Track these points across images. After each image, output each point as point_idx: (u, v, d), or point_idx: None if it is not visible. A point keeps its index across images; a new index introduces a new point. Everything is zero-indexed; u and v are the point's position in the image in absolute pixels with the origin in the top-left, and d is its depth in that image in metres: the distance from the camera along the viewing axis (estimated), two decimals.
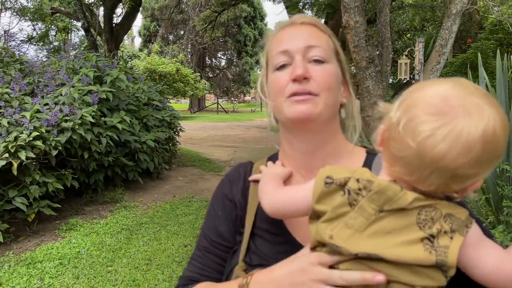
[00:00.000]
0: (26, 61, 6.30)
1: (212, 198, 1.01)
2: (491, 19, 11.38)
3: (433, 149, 0.58)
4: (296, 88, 0.84)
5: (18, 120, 4.75)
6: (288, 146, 0.94)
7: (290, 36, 0.90)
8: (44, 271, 3.90)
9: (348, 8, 8.06)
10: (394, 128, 0.63)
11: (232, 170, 1.01)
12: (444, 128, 0.57)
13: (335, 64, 0.91)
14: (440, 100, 0.59)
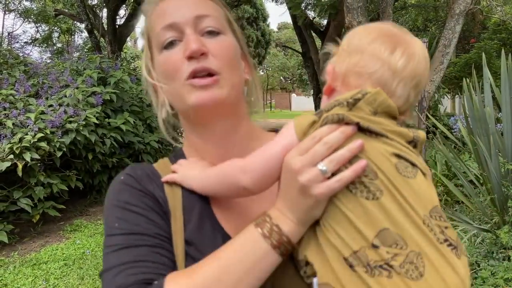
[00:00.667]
0: (30, 62, 6.33)
1: (117, 197, 0.76)
2: (494, 19, 11.35)
3: (396, 62, 0.68)
4: (194, 66, 0.73)
5: (22, 122, 4.77)
6: (195, 137, 0.82)
7: (174, 7, 0.78)
8: (49, 272, 3.91)
9: (351, 9, 8.06)
10: (353, 54, 0.71)
11: (130, 170, 0.80)
12: (400, 46, 0.69)
13: (230, 34, 0.81)
14: (385, 29, 0.72)
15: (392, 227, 0.58)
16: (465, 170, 3.92)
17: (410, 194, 0.60)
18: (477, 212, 3.73)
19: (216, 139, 0.80)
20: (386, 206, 0.59)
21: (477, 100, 3.43)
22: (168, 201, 0.76)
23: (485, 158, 3.22)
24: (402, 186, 0.60)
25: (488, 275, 2.78)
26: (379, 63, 0.69)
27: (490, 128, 3.31)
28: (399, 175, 0.61)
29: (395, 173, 0.61)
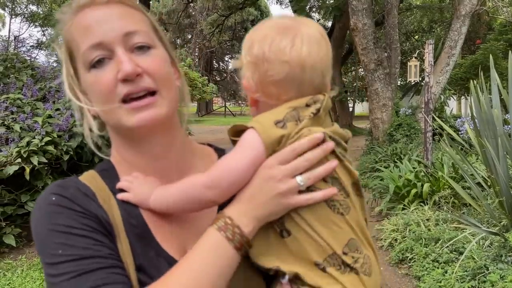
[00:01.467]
0: (38, 66, 6.37)
1: (53, 221, 0.69)
2: (500, 20, 11.30)
3: (300, 54, 0.70)
4: (128, 89, 0.70)
5: (30, 125, 4.80)
6: (130, 153, 0.78)
7: (98, 21, 0.72)
8: None
9: (356, 11, 8.05)
10: (260, 64, 0.71)
11: (59, 189, 0.72)
12: (297, 37, 0.71)
13: (159, 45, 0.78)
14: (278, 24, 0.74)
15: (355, 237, 0.71)
16: (473, 172, 3.90)
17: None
18: (485, 215, 3.70)
19: (153, 154, 0.78)
20: (349, 220, 0.70)
21: (484, 101, 3.41)
22: (109, 221, 0.71)
23: (493, 160, 3.20)
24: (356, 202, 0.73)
25: (497, 279, 2.76)
26: (286, 66, 0.70)
27: (498, 130, 3.29)
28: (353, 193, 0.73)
29: (352, 191, 0.73)
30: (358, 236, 0.71)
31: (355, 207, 0.72)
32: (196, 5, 26.05)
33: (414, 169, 5.47)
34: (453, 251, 3.41)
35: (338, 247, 0.69)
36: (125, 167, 0.79)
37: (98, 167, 0.81)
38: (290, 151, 0.68)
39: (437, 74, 7.69)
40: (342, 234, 0.70)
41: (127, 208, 0.74)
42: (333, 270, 0.68)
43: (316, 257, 0.68)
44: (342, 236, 0.70)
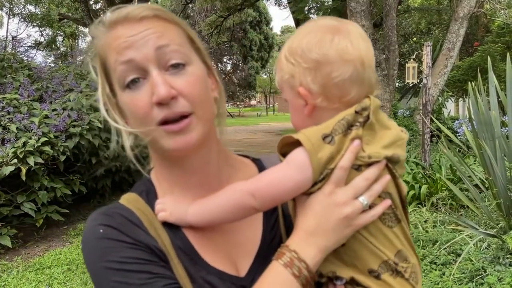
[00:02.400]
0: (35, 67, 6.35)
1: (104, 257, 0.68)
2: (498, 22, 11.32)
3: (360, 51, 0.70)
4: (164, 113, 0.68)
5: (26, 126, 4.78)
6: (168, 170, 0.78)
7: (131, 38, 0.70)
8: (52, 277, 3.91)
9: (354, 12, 8.05)
10: (321, 67, 0.70)
11: (105, 219, 0.72)
12: (351, 36, 0.71)
13: (196, 59, 0.75)
14: (325, 26, 0.73)
15: (403, 248, 0.73)
16: (470, 174, 3.90)
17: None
18: (482, 216, 3.70)
19: (192, 169, 0.77)
20: (397, 232, 0.72)
21: (482, 103, 3.41)
22: (161, 248, 0.71)
23: (490, 162, 3.19)
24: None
25: (495, 281, 2.75)
26: (350, 65, 0.70)
27: (495, 132, 3.28)
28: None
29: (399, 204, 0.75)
30: (406, 247, 0.73)
31: (402, 219, 0.73)
32: (194, 6, 26.04)
33: (412, 171, 5.47)
34: (450, 253, 3.40)
35: (391, 256, 0.71)
36: (164, 184, 0.79)
37: (137, 188, 0.80)
38: (361, 180, 0.69)
39: (435, 76, 7.69)
40: (391, 245, 0.71)
41: (171, 231, 0.74)
42: (387, 276, 0.70)
43: (371, 264, 0.70)
44: (392, 247, 0.71)
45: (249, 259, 0.77)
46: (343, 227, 0.68)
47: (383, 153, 0.70)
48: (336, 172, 0.68)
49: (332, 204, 0.68)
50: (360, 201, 0.68)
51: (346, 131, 0.68)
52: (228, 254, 0.77)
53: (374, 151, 0.69)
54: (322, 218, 0.68)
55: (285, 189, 0.69)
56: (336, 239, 0.68)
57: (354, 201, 0.68)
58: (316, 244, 0.67)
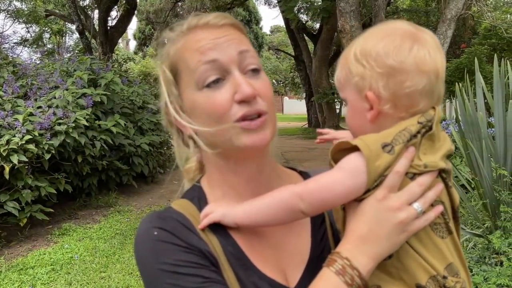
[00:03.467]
0: (20, 63, 6.24)
1: (159, 259, 0.70)
2: (485, 25, 11.47)
3: (436, 62, 0.69)
4: (245, 110, 0.71)
5: (10, 123, 4.69)
6: (224, 175, 0.80)
7: (214, 41, 0.73)
8: (36, 277, 3.83)
9: (344, 13, 8.08)
10: (396, 75, 0.68)
11: (160, 222, 0.74)
12: (428, 45, 0.70)
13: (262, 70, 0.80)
14: (403, 31, 0.71)
15: (454, 261, 0.70)
16: (457, 174, 3.92)
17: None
18: (468, 216, 3.73)
19: (247, 175, 0.79)
20: (449, 244, 0.70)
21: (469, 104, 3.43)
22: (212, 253, 0.72)
23: (477, 162, 3.22)
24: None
25: (481, 281, 2.77)
26: (425, 76, 0.68)
27: (482, 133, 3.31)
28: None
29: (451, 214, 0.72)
30: (456, 260, 0.70)
31: (454, 231, 0.71)
32: (184, 4, 25.92)
33: None
34: None
35: (440, 269, 0.68)
36: (216, 191, 0.81)
37: (189, 194, 0.82)
38: (416, 185, 0.67)
39: None
40: (442, 257, 0.69)
41: (221, 236, 0.75)
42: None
43: (419, 279, 0.67)
44: (442, 259, 0.69)
45: (299, 271, 0.77)
46: (397, 233, 0.66)
47: (440, 164, 0.69)
48: (390, 177, 0.66)
49: (385, 209, 0.66)
50: (414, 207, 0.66)
51: (407, 142, 0.67)
52: (278, 264, 0.77)
53: (430, 161, 0.68)
54: (375, 224, 0.66)
55: (336, 193, 0.67)
56: (389, 245, 0.66)
57: (408, 207, 0.66)
58: (368, 251, 0.66)
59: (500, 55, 4.84)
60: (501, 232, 3.01)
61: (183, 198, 0.81)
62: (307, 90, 18.90)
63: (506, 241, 2.93)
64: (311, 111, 19.47)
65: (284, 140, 15.22)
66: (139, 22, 32.29)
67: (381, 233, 0.66)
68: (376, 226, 0.66)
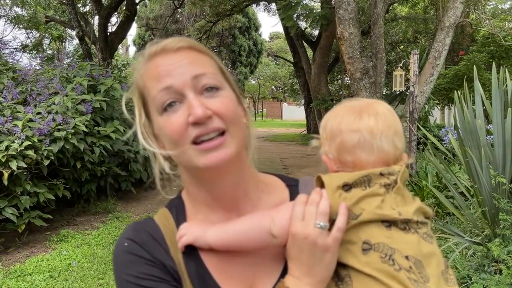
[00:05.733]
0: (19, 69, 6.25)
1: (125, 270, 0.76)
2: (483, 32, 11.53)
3: (368, 123, 0.79)
4: (199, 131, 0.73)
5: (9, 129, 4.68)
6: (199, 190, 0.82)
7: (168, 67, 0.76)
8: (33, 284, 3.81)
9: (343, 20, 8.11)
10: (334, 136, 0.82)
11: (133, 234, 0.80)
12: (364, 112, 0.81)
13: (227, 87, 0.81)
14: (349, 105, 0.85)
15: None
16: (456, 181, 3.92)
17: None
18: (468, 224, 3.72)
19: (222, 191, 0.81)
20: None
21: (467, 112, 3.44)
22: (176, 268, 0.77)
23: (476, 170, 3.22)
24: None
25: None
26: (356, 133, 0.79)
27: (481, 140, 3.31)
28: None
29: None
30: None
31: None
32: (183, 11, 26.02)
33: None
34: None
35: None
36: (193, 203, 0.85)
37: (170, 203, 0.88)
38: (302, 207, 0.75)
39: (421, 84, 7.78)
40: None
41: (188, 255, 0.79)
42: None
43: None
44: None
45: (269, 285, 0.79)
46: (321, 256, 0.72)
47: (411, 216, 0.75)
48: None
49: (301, 239, 0.72)
50: (316, 226, 0.72)
51: (366, 187, 0.75)
52: (246, 280, 0.80)
53: (404, 210, 0.75)
54: (299, 254, 0.73)
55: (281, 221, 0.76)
56: (323, 269, 0.72)
57: (313, 229, 0.72)
58: (306, 281, 0.72)
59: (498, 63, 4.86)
60: (500, 240, 3.00)
61: (166, 206, 0.87)
62: (306, 96, 18.93)
63: (505, 249, 2.92)
64: (310, 117, 19.48)
65: (283, 146, 15.21)
66: (139, 28, 32.40)
67: (308, 261, 0.72)
68: (302, 255, 0.73)
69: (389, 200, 0.75)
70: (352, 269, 0.73)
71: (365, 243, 0.73)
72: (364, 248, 0.73)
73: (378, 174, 0.76)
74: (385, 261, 0.71)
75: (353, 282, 0.72)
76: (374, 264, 0.71)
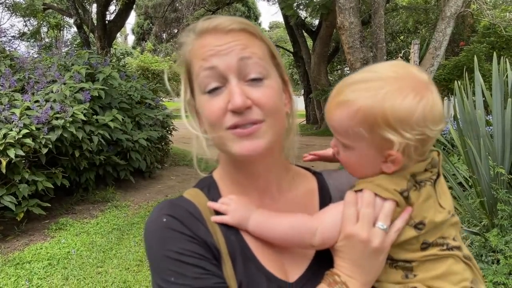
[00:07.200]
0: (17, 57, 6.20)
1: (165, 246, 0.74)
2: (484, 23, 11.46)
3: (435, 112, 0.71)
4: (236, 120, 0.72)
5: (7, 117, 4.66)
6: (233, 171, 0.84)
7: (217, 48, 0.75)
8: (32, 272, 3.82)
9: (343, 9, 8.05)
10: (425, 140, 0.72)
11: (170, 210, 0.78)
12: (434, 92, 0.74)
13: (274, 74, 0.79)
14: (414, 82, 0.72)
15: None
16: (455, 172, 3.93)
17: None
18: (466, 214, 3.73)
19: (255, 173, 0.82)
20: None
21: (468, 103, 3.43)
22: (216, 245, 0.76)
23: (475, 160, 3.22)
24: None
25: None
26: (442, 120, 0.72)
27: (480, 131, 3.31)
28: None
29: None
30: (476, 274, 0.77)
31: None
32: (183, 0, 25.81)
33: None
34: None
35: None
36: (228, 183, 0.85)
37: (201, 183, 0.87)
38: (366, 207, 0.74)
39: None
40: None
41: (226, 227, 0.79)
42: None
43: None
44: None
45: (301, 269, 0.80)
46: (376, 258, 0.73)
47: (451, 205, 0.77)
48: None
49: (358, 242, 0.72)
50: (379, 228, 0.72)
51: (416, 186, 0.73)
52: (279, 261, 0.80)
53: (447, 203, 0.76)
54: (353, 255, 0.73)
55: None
56: (374, 270, 0.74)
57: (374, 230, 0.72)
58: (357, 278, 0.73)
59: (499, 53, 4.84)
60: (498, 230, 3.01)
61: (195, 187, 0.86)
62: (306, 87, 18.88)
63: (503, 239, 2.93)
64: (309, 108, 19.46)
65: None
66: (138, 16, 32.17)
67: (364, 263, 0.73)
68: (360, 260, 0.73)
69: (438, 197, 0.75)
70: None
71: (423, 244, 0.75)
72: (423, 247, 0.75)
73: (423, 171, 0.74)
74: (444, 250, 0.74)
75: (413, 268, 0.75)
76: (435, 254, 0.74)
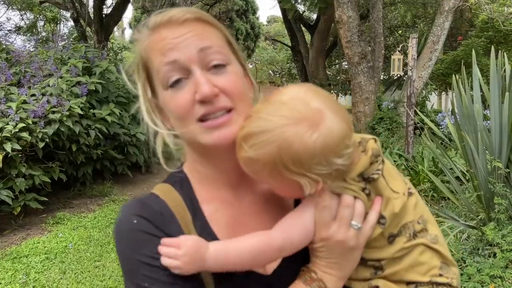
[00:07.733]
0: (13, 50, 6.16)
1: (138, 249, 0.70)
2: (482, 17, 11.44)
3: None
4: (206, 110, 0.71)
5: (3, 111, 4.64)
6: (202, 166, 0.80)
7: (174, 40, 0.72)
8: (29, 266, 3.82)
9: (341, 3, 8.02)
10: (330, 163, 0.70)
11: (140, 210, 0.74)
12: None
13: (234, 60, 0.78)
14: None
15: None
16: (452, 166, 3.93)
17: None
18: (463, 208, 3.75)
19: (224, 168, 0.79)
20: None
21: (465, 97, 3.42)
22: None
23: (472, 154, 3.22)
24: None
25: (474, 272, 2.79)
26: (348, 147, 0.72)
27: (478, 125, 3.31)
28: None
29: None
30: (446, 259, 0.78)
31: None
32: None
33: (395, 162, 5.51)
34: None
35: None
36: (197, 177, 0.81)
37: (171, 178, 0.83)
38: (345, 208, 0.73)
39: (419, 69, 7.74)
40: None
41: (199, 226, 0.76)
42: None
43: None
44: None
45: (276, 261, 0.79)
46: (352, 253, 0.74)
47: (405, 185, 0.77)
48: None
49: (335, 243, 0.72)
50: (353, 227, 0.72)
51: (364, 187, 0.72)
52: None
53: (399, 186, 0.75)
54: (329, 254, 0.74)
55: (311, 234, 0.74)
56: (351, 265, 0.75)
57: (349, 231, 0.72)
58: (333, 274, 0.74)
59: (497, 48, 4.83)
60: (495, 224, 3.02)
61: (166, 182, 0.82)
62: (304, 81, 18.84)
63: (499, 233, 2.94)
64: None
65: None
66: (135, 10, 31.96)
67: (340, 261, 0.74)
68: (336, 258, 0.73)
69: (389, 183, 0.74)
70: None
71: (390, 237, 0.74)
72: (390, 240, 0.74)
73: (369, 165, 0.72)
74: (410, 241, 0.74)
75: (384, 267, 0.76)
76: (402, 248, 0.74)
